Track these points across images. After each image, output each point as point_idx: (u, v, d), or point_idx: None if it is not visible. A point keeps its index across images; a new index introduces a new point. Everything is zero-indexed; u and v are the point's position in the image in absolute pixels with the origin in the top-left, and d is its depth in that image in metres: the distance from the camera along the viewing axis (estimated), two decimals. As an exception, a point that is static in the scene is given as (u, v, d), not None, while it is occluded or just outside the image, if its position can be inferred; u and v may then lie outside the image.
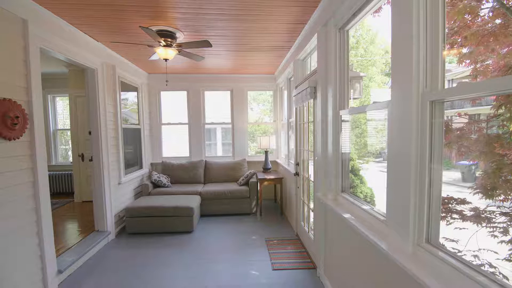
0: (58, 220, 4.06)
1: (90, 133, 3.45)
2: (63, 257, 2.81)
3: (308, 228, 3.31)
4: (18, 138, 2.16)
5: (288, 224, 4.15)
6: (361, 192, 5.01)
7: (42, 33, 2.46)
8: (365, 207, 1.85)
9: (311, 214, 3.13)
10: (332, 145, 2.34)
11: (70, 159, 5.69)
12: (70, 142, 5.60)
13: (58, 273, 2.55)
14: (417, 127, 1.22)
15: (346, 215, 1.93)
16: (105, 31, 3.03)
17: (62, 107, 6.34)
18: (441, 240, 1.24)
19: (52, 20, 2.60)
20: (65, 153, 6.45)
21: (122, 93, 4.22)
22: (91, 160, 3.47)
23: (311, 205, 3.18)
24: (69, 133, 5.68)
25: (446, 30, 1.17)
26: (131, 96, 4.72)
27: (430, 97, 1.16)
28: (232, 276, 2.71)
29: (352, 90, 2.39)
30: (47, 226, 2.42)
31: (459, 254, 1.25)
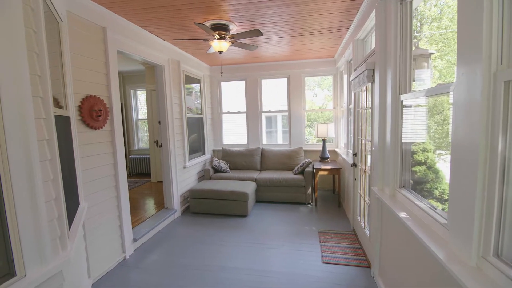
0: (137, 196, 4.80)
1: (159, 122, 3.91)
2: (138, 228, 3.33)
3: (365, 224, 3.07)
4: (101, 128, 2.60)
5: (345, 217, 3.94)
6: (436, 189, 4.34)
7: (118, 37, 2.85)
8: (424, 206, 1.61)
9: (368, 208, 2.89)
10: (390, 134, 2.09)
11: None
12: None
13: (133, 241, 3.04)
14: (487, 113, 0.98)
15: (402, 214, 1.72)
16: (168, 30, 3.32)
17: (143, 100, 7.34)
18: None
19: (125, 25, 2.98)
20: (146, 139, 7.51)
21: (192, 85, 4.63)
22: (161, 146, 3.94)
23: (368, 199, 2.93)
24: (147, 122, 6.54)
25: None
26: (198, 87, 5.12)
27: (506, 76, 0.91)
28: (280, 263, 2.76)
29: (424, 69, 2.08)
30: (124, 201, 2.89)
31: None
